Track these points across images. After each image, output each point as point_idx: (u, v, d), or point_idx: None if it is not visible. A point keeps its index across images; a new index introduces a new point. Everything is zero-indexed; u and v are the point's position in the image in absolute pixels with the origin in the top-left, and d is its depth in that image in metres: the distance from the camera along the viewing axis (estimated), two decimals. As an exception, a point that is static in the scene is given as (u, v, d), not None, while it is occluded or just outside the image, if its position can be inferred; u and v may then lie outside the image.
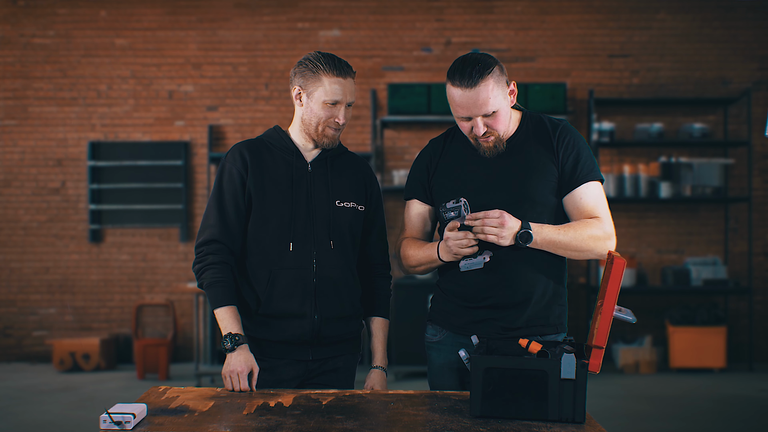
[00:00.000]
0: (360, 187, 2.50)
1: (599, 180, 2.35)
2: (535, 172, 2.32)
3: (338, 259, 2.42)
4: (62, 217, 7.46)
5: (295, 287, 2.37)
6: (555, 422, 1.92)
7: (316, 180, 2.43)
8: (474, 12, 7.44)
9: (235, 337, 2.31)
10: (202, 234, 2.41)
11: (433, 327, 2.46)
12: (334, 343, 2.45)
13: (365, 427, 1.90)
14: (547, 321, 2.35)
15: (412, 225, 2.50)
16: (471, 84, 2.23)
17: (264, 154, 2.43)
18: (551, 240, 2.25)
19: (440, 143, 2.48)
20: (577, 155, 2.33)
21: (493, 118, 2.28)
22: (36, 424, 5.06)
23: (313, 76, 2.36)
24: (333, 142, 2.42)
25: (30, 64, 7.47)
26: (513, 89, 2.33)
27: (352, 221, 2.46)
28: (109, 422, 1.84)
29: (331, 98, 2.35)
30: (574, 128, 2.40)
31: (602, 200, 2.34)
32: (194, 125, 7.46)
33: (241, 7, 7.45)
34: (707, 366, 6.85)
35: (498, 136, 2.31)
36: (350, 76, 2.38)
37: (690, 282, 6.99)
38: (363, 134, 7.39)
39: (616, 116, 7.39)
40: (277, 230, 2.38)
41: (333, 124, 2.38)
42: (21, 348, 7.44)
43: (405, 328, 6.54)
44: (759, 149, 7.37)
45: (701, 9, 7.43)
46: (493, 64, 2.27)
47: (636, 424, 5.08)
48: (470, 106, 2.25)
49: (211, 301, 2.38)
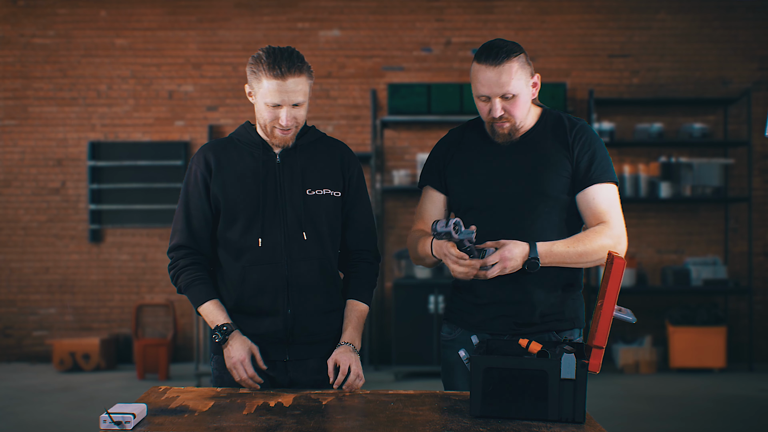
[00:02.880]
0: (335, 172, 2.41)
1: (613, 182, 2.34)
2: (549, 166, 2.32)
3: (313, 250, 2.35)
4: (62, 217, 7.46)
5: (266, 283, 2.33)
6: (555, 422, 1.92)
7: (285, 171, 2.37)
8: (474, 12, 7.44)
9: (222, 328, 2.30)
10: (171, 239, 2.41)
11: (448, 326, 2.47)
12: (313, 342, 2.38)
13: (365, 427, 1.90)
14: (562, 316, 2.35)
15: (427, 214, 2.49)
16: (496, 62, 2.24)
17: (230, 152, 2.39)
18: (562, 256, 2.24)
19: (458, 133, 2.48)
20: (593, 155, 2.32)
21: (511, 102, 2.28)
22: (36, 424, 5.06)
23: (255, 76, 2.27)
24: (284, 142, 2.34)
25: (30, 64, 7.47)
26: (536, 82, 2.34)
27: (327, 209, 2.38)
28: (109, 422, 1.84)
29: (271, 100, 2.26)
30: (592, 129, 2.40)
31: (615, 202, 2.33)
32: (194, 125, 7.46)
33: (241, 7, 7.45)
34: (707, 366, 6.85)
35: (514, 123, 2.31)
36: (293, 76, 2.24)
37: (690, 282, 6.99)
38: (363, 134, 7.38)
39: (616, 116, 7.39)
40: (245, 226, 2.34)
41: (278, 125, 2.30)
42: (21, 348, 7.44)
43: (405, 328, 6.52)
44: (759, 149, 7.37)
45: (701, 9, 7.43)
46: (521, 51, 2.29)
47: (636, 424, 5.08)
48: (491, 84, 2.25)
49: (192, 301, 2.37)
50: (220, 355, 2.38)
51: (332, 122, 7.34)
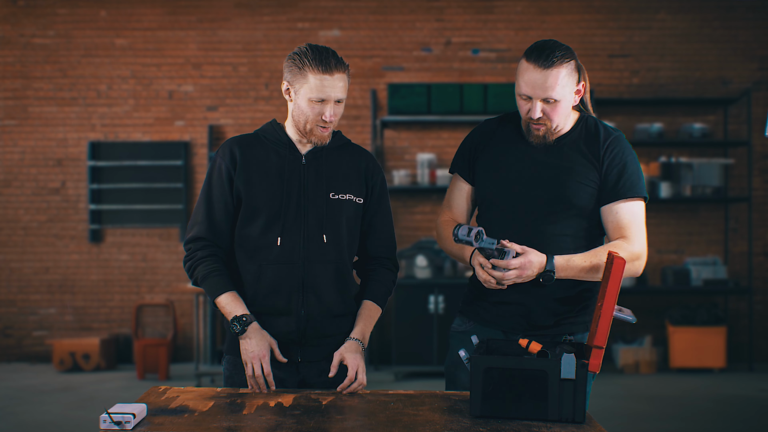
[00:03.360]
0: (358, 178, 2.41)
1: (642, 198, 2.32)
2: (575, 174, 2.30)
3: (331, 253, 2.34)
4: (62, 217, 7.46)
5: (282, 283, 2.32)
6: (555, 422, 1.92)
7: (310, 172, 2.36)
8: (474, 12, 7.44)
9: (242, 319, 2.26)
10: (190, 230, 2.38)
11: (461, 318, 2.47)
12: (325, 344, 2.36)
13: (365, 427, 1.90)
14: (576, 319, 2.35)
15: (455, 202, 2.49)
16: (546, 65, 2.22)
17: (256, 148, 2.38)
18: (575, 275, 2.25)
19: (493, 125, 2.47)
20: (623, 168, 2.31)
21: (552, 106, 2.26)
22: (36, 424, 5.06)
23: (299, 72, 2.27)
24: (322, 140, 2.34)
25: (30, 64, 7.47)
26: (581, 90, 2.33)
27: (348, 214, 2.38)
28: (109, 422, 1.84)
29: (317, 96, 2.25)
30: (627, 142, 2.39)
31: (639, 218, 2.31)
32: (194, 125, 7.46)
33: (241, 7, 7.45)
34: (707, 366, 6.85)
35: (550, 127, 2.30)
36: (339, 71, 2.26)
37: (690, 282, 6.99)
38: (363, 134, 7.38)
39: (616, 116, 7.39)
40: (265, 224, 2.32)
41: (320, 122, 2.30)
42: (21, 348, 7.44)
43: (405, 328, 6.52)
44: (759, 149, 7.37)
45: (701, 9, 7.43)
46: (573, 57, 2.27)
47: (636, 424, 5.08)
48: (536, 86, 2.24)
49: (209, 292, 2.33)
50: (233, 355, 2.35)
51: (332, 122, 7.35)
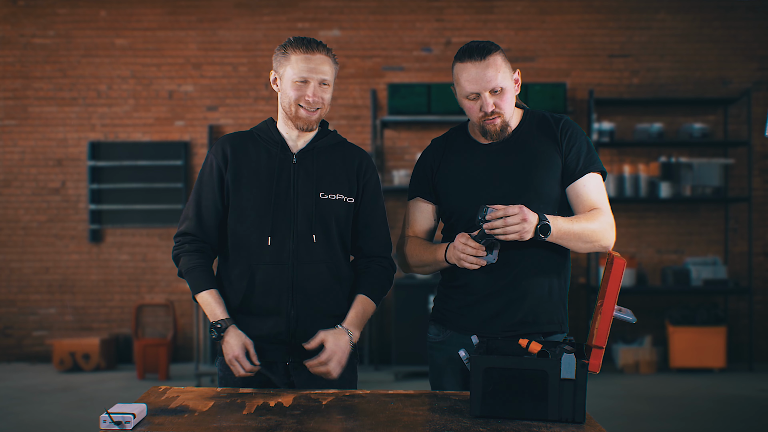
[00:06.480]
0: (350, 178, 2.41)
1: (601, 172, 2.38)
2: (541, 163, 2.34)
3: (321, 253, 2.34)
4: (62, 217, 7.46)
5: (272, 283, 2.32)
6: (555, 422, 1.92)
7: (300, 172, 2.37)
8: (474, 12, 7.44)
9: (217, 325, 2.30)
10: (181, 224, 2.41)
11: (435, 327, 2.45)
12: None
13: (365, 427, 1.90)
14: (552, 318, 2.36)
15: (417, 224, 2.49)
16: (481, 57, 2.29)
17: (248, 146, 2.39)
18: (565, 231, 2.23)
19: (442, 142, 2.50)
20: (579, 147, 2.36)
21: (500, 96, 2.30)
22: (36, 424, 5.06)
23: (283, 57, 2.33)
24: (309, 124, 2.35)
25: (30, 64, 7.47)
26: (518, 78, 2.38)
27: (338, 214, 2.37)
28: (109, 422, 1.84)
29: (299, 75, 2.30)
30: (575, 123, 2.44)
31: (603, 192, 2.37)
32: (194, 125, 7.46)
33: (241, 7, 7.45)
34: (707, 366, 6.85)
35: (504, 118, 2.33)
36: (321, 53, 2.31)
37: (690, 282, 6.99)
38: (363, 134, 7.38)
39: (616, 116, 7.39)
40: (255, 224, 2.33)
41: (304, 103, 2.31)
42: (21, 348, 7.44)
43: (405, 328, 6.53)
44: (759, 149, 7.37)
45: (701, 9, 7.43)
46: (499, 47, 2.34)
47: (636, 424, 5.08)
48: (480, 79, 2.28)
49: (191, 286, 2.36)
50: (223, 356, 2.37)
51: (332, 122, 7.33)
